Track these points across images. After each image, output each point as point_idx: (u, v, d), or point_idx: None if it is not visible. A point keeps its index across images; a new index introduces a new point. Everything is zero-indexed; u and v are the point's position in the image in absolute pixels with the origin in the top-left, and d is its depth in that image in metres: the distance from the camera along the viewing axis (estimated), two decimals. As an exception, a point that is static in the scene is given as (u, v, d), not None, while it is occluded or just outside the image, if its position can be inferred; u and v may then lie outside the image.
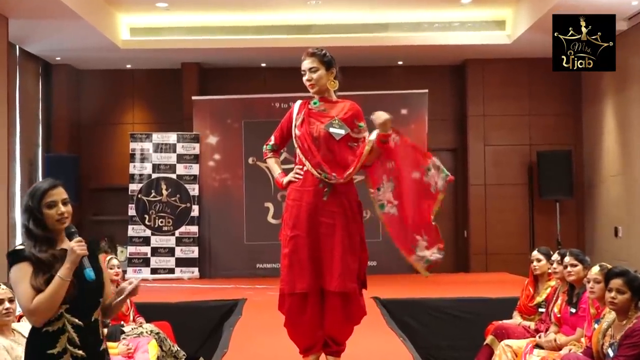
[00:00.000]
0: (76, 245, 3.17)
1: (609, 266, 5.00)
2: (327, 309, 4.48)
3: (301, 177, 4.53)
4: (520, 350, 5.70)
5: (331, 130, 4.49)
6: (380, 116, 4.39)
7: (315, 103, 4.62)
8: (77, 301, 3.20)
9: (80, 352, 3.21)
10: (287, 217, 4.56)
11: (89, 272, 3.20)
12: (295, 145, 4.60)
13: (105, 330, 4.45)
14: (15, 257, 3.18)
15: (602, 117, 11.04)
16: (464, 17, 10.90)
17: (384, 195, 4.59)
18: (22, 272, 3.15)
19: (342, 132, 4.50)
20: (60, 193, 3.28)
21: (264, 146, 4.84)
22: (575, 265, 5.57)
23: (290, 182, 4.59)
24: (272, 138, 4.80)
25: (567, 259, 5.66)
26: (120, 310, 6.16)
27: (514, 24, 10.64)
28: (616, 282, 4.61)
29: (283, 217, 4.65)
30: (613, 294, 4.60)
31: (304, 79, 4.59)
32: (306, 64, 4.56)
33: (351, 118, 4.56)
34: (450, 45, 11.01)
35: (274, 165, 4.80)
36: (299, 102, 4.71)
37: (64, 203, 3.28)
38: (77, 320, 3.21)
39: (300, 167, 4.56)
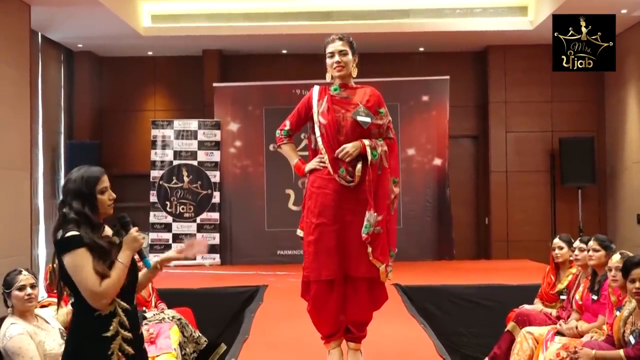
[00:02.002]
0: (138, 235, 3.34)
1: (630, 254, 4.97)
2: (352, 294, 4.46)
3: (326, 165, 4.44)
4: (541, 337, 5.69)
5: (359, 118, 4.41)
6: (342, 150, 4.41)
7: (335, 89, 4.54)
8: (125, 286, 3.31)
9: (129, 334, 3.30)
10: (312, 204, 4.46)
11: (148, 261, 3.41)
12: (318, 133, 4.50)
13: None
14: (73, 242, 3.21)
15: (625, 103, 10.93)
16: (485, 3, 10.82)
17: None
18: (85, 258, 3.20)
19: (369, 120, 4.43)
20: (107, 179, 3.43)
21: (278, 131, 4.75)
22: (598, 251, 5.54)
23: (313, 169, 4.52)
24: (287, 123, 4.70)
25: (590, 243, 5.62)
26: (142, 297, 6.25)
27: (536, 10, 10.55)
28: (638, 272, 4.56)
29: (305, 205, 4.55)
30: (638, 284, 4.54)
31: (332, 60, 4.51)
32: (336, 45, 4.50)
33: (374, 106, 4.51)
34: (472, 32, 10.93)
35: (290, 152, 4.73)
36: (316, 87, 4.63)
37: (110, 188, 3.43)
38: (125, 304, 3.31)
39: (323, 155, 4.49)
